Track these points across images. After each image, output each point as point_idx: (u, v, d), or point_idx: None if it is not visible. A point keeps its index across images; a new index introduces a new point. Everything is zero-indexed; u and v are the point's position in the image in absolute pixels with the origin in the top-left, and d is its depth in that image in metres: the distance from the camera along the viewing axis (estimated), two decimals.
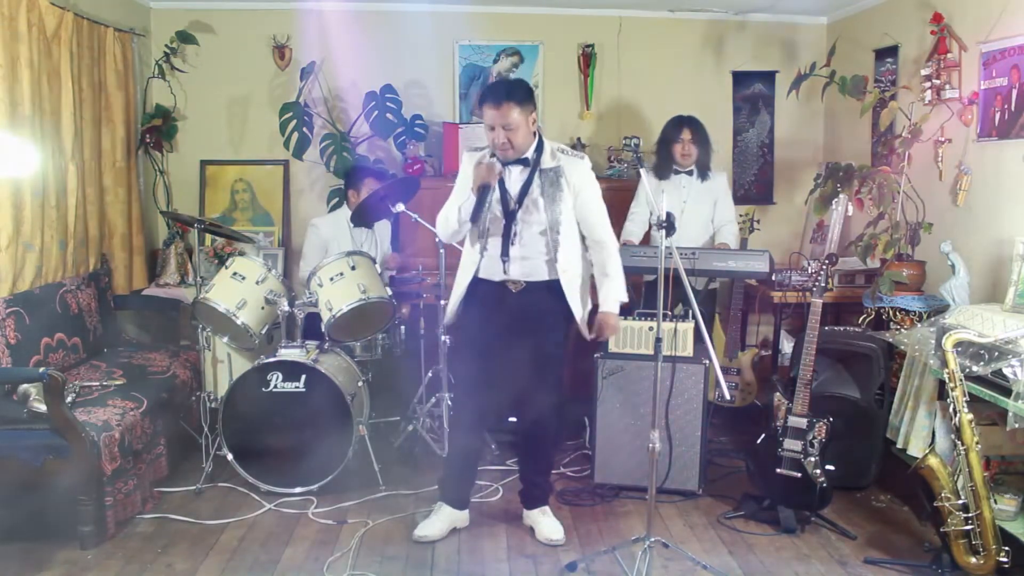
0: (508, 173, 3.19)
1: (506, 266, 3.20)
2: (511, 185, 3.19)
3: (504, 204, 3.19)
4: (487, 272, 3.26)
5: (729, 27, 5.36)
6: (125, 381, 3.77)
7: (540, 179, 3.16)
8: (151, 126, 4.96)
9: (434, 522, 3.39)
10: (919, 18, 4.21)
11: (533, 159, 3.18)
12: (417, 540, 3.32)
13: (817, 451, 3.41)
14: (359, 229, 4.43)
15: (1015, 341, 2.98)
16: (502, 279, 3.24)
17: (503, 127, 3.07)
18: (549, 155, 3.19)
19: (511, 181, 3.19)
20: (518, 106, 3.07)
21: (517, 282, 3.23)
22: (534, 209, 3.17)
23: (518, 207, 3.17)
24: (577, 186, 3.19)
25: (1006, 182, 3.64)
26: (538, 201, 3.16)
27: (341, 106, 5.23)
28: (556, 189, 3.16)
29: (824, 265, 3.43)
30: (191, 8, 5.10)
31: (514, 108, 3.06)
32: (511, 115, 3.06)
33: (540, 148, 3.19)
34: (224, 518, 3.51)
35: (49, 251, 3.98)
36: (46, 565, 3.09)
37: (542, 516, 3.43)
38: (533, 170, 3.17)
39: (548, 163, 3.18)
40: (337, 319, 3.80)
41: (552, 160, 3.19)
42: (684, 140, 4.28)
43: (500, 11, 5.26)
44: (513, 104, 3.06)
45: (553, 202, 3.16)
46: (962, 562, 2.99)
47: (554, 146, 3.24)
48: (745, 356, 4.60)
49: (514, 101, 3.07)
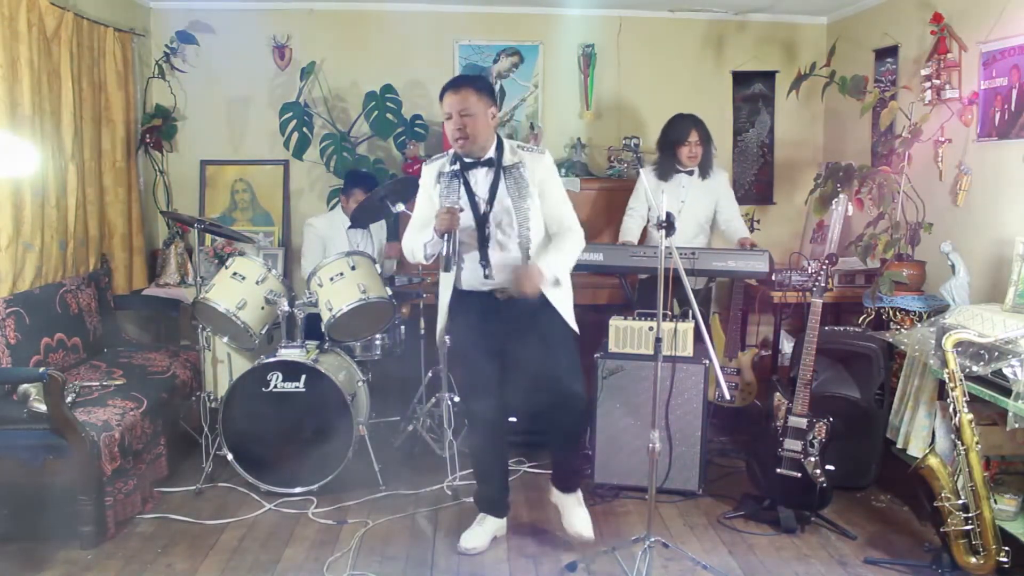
0: (473, 177, 3.15)
1: (487, 271, 3.14)
2: (478, 187, 3.15)
3: (474, 209, 3.14)
4: (469, 283, 3.20)
5: (729, 27, 5.36)
6: (125, 381, 3.77)
7: (505, 177, 3.14)
8: (151, 126, 4.96)
9: (478, 533, 3.32)
10: (919, 18, 4.21)
11: (496, 158, 3.15)
12: (462, 552, 3.26)
13: (817, 451, 3.41)
14: (354, 230, 4.44)
15: (1015, 341, 2.98)
16: (489, 288, 3.18)
17: (459, 112, 3.04)
18: (509, 152, 3.17)
19: (477, 184, 3.15)
20: (475, 93, 3.06)
21: (504, 290, 3.16)
22: (503, 209, 3.13)
23: (490, 208, 3.13)
24: (541, 179, 3.16)
25: (1006, 182, 3.64)
26: (504, 200, 3.13)
27: (341, 106, 5.23)
28: (521, 185, 3.13)
29: (824, 265, 3.43)
30: (191, 8, 5.10)
31: (472, 94, 3.05)
32: (469, 100, 3.03)
33: (500, 147, 3.17)
34: (224, 518, 3.51)
35: (49, 251, 3.98)
36: (46, 565, 3.09)
37: (577, 506, 3.35)
38: (498, 169, 3.15)
39: (509, 160, 3.15)
40: (337, 319, 3.80)
41: (513, 156, 3.16)
42: (692, 143, 4.22)
43: (500, 11, 5.26)
44: (471, 90, 3.05)
45: (521, 199, 3.13)
46: (962, 562, 2.98)
47: (513, 143, 3.23)
48: (745, 356, 4.60)
49: (472, 88, 3.06)
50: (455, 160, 3.15)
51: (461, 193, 3.13)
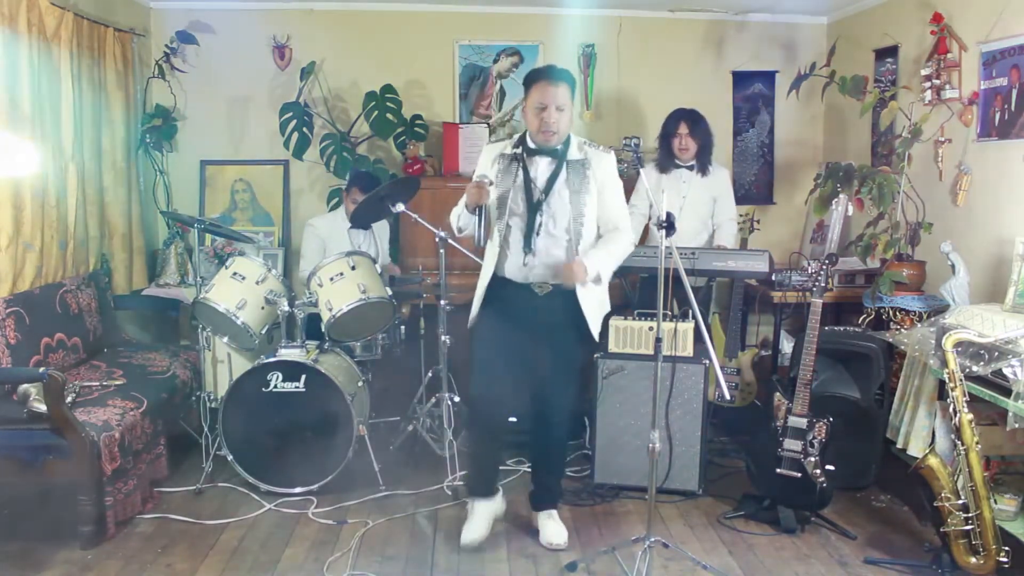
0: (535, 164, 3.17)
1: (527, 259, 3.16)
2: (538, 176, 3.17)
3: (528, 195, 3.16)
4: (510, 271, 3.21)
5: (729, 27, 5.36)
6: (125, 381, 3.77)
7: (567, 170, 3.16)
8: (151, 126, 4.96)
9: (475, 524, 3.32)
10: (919, 18, 4.21)
11: (561, 151, 3.18)
12: (465, 547, 3.26)
13: (817, 451, 3.41)
14: (355, 230, 4.44)
15: (1015, 341, 2.98)
16: (527, 281, 3.19)
17: (556, 107, 3.07)
18: (576, 148, 3.21)
19: (538, 172, 3.17)
20: (570, 89, 3.12)
21: (543, 285, 3.19)
22: (560, 201, 3.16)
23: (544, 197, 3.15)
24: (602, 179, 3.20)
25: (1006, 182, 3.64)
26: (563, 192, 3.15)
27: (341, 106, 5.23)
28: (582, 180, 3.16)
29: (824, 265, 3.42)
30: (191, 8, 5.10)
31: (568, 90, 3.11)
32: (566, 95, 3.09)
33: (567, 141, 3.20)
34: (224, 518, 3.51)
35: (49, 251, 3.98)
36: (46, 565, 3.09)
37: (548, 520, 3.40)
38: (561, 161, 3.17)
39: (575, 155, 3.19)
40: (337, 319, 3.80)
41: (579, 152, 3.20)
42: (681, 134, 4.28)
43: (500, 11, 5.26)
44: (568, 86, 3.11)
45: (578, 193, 3.15)
46: (962, 562, 2.98)
47: (580, 140, 3.25)
48: (745, 356, 4.60)
49: (569, 84, 3.12)
50: (518, 144, 3.16)
51: (519, 177, 3.15)
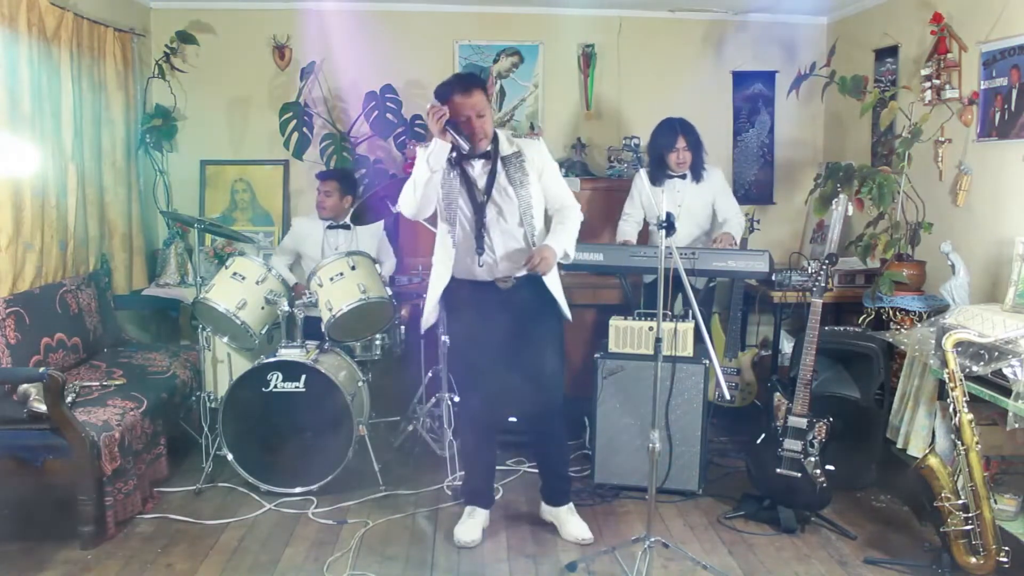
0: (471, 167, 3.17)
1: (482, 259, 3.17)
2: (477, 178, 3.18)
3: (472, 199, 3.16)
4: (470, 272, 3.22)
5: (729, 27, 5.35)
6: (125, 381, 3.77)
7: (504, 167, 3.16)
8: (151, 126, 4.96)
9: (472, 526, 3.36)
10: (919, 18, 4.21)
11: (492, 149, 3.17)
12: (461, 546, 3.29)
13: (817, 451, 3.41)
14: (334, 231, 4.42)
15: (1015, 341, 2.98)
16: (491, 278, 3.20)
17: (477, 114, 3.06)
18: (506, 142, 3.20)
19: (476, 174, 3.18)
20: (483, 92, 3.11)
21: (507, 279, 3.21)
22: (506, 198, 3.16)
23: (486, 198, 3.16)
24: (540, 165, 3.21)
25: (1006, 182, 3.64)
26: (507, 189, 3.16)
27: (341, 106, 5.23)
28: (522, 173, 3.16)
29: (824, 265, 3.42)
30: (191, 8, 5.10)
31: (482, 94, 3.09)
32: (482, 100, 3.08)
33: (494, 138, 3.19)
34: (224, 518, 3.51)
35: (49, 251, 3.98)
36: (46, 565, 3.09)
37: (570, 515, 3.41)
38: (495, 159, 3.16)
39: (507, 150, 3.18)
40: (337, 319, 3.80)
41: (510, 146, 3.19)
42: (679, 148, 4.19)
43: (500, 11, 5.26)
44: (481, 91, 3.10)
45: (522, 186, 3.16)
46: (962, 562, 2.98)
47: (507, 133, 3.26)
48: (745, 356, 4.60)
49: (481, 88, 3.11)
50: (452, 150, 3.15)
51: (458, 182, 3.15)
